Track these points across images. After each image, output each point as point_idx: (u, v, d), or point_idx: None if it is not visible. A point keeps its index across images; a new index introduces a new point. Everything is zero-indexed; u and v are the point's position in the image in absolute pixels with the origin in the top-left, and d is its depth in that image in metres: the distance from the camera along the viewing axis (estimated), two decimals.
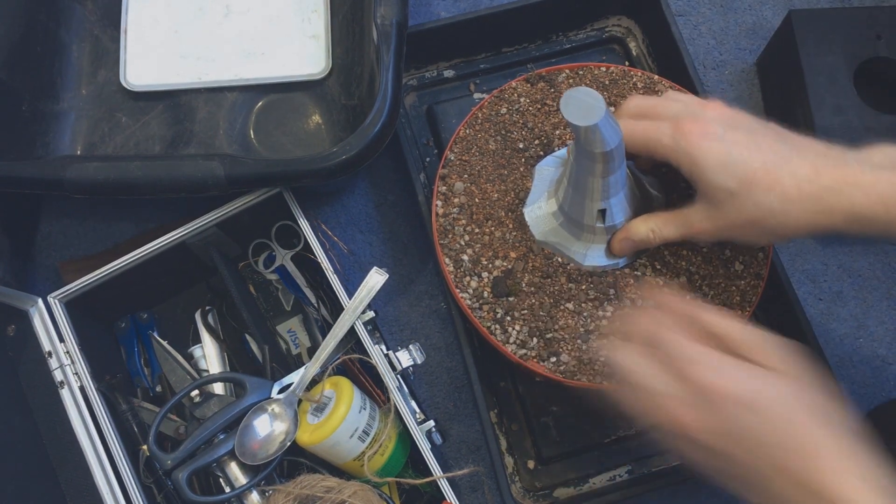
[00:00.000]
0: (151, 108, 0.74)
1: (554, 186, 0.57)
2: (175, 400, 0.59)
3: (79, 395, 0.59)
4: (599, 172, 0.50)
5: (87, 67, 0.76)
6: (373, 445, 0.57)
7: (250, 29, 0.76)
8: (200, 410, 0.60)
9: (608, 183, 0.50)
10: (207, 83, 0.74)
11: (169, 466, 0.56)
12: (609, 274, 0.57)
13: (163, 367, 0.66)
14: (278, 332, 0.68)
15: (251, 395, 0.58)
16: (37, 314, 0.61)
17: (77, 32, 0.76)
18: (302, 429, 0.57)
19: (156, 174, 0.59)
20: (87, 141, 0.73)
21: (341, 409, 0.56)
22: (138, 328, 0.68)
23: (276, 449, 0.57)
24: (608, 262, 0.57)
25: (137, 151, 0.73)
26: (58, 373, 0.60)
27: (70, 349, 0.60)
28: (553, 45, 0.77)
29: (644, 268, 0.57)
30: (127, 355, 0.67)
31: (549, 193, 0.58)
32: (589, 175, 0.50)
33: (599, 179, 0.50)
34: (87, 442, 0.58)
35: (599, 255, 0.56)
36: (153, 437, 0.57)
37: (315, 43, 0.75)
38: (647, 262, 0.57)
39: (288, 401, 0.58)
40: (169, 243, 0.61)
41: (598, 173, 0.50)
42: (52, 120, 0.72)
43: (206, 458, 0.56)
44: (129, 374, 0.66)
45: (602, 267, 0.57)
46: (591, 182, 0.51)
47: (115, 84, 0.75)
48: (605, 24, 0.78)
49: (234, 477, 0.58)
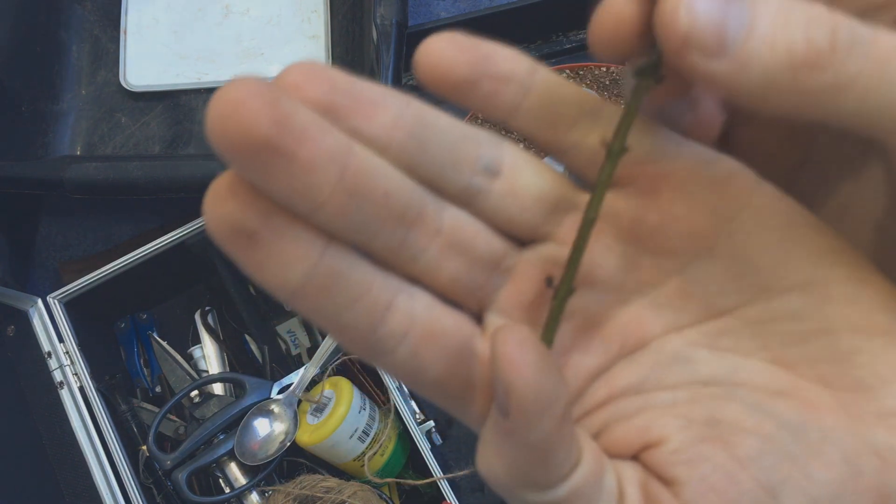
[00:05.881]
0: (151, 109, 0.74)
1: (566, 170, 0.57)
2: (175, 400, 0.59)
3: (78, 396, 0.59)
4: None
5: (87, 68, 0.76)
6: (373, 446, 0.57)
7: (250, 29, 0.76)
8: (200, 411, 0.59)
9: None
10: (207, 83, 0.74)
11: (168, 467, 0.56)
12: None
13: (162, 368, 0.66)
14: (278, 333, 0.68)
15: (251, 395, 0.58)
16: (36, 314, 0.61)
17: (77, 33, 0.76)
18: (302, 429, 0.57)
19: (155, 174, 0.59)
20: (87, 141, 0.73)
21: (341, 409, 0.56)
22: (138, 328, 0.68)
23: (275, 449, 0.57)
24: None
25: (137, 151, 0.73)
26: (57, 373, 0.60)
27: (70, 349, 0.60)
28: (553, 45, 0.77)
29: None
30: (126, 356, 0.67)
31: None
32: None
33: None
34: (86, 442, 0.58)
35: None
36: (153, 437, 0.57)
37: (315, 43, 0.75)
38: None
39: (288, 401, 0.58)
40: (169, 243, 0.61)
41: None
42: (52, 120, 0.72)
43: (205, 458, 0.56)
44: (128, 374, 0.66)
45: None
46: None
47: (115, 84, 0.74)
48: None
49: (234, 477, 0.58)
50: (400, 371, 0.18)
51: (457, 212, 0.19)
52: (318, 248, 0.17)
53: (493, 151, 0.19)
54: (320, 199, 0.16)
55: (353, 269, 0.17)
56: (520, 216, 0.19)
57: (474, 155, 0.19)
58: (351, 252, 0.17)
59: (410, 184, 0.18)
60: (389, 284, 0.18)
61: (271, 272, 0.17)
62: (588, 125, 0.19)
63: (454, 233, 0.19)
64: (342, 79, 0.17)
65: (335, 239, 0.17)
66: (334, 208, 0.16)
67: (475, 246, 0.19)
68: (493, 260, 0.19)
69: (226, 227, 0.16)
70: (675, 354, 0.19)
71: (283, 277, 0.17)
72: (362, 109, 0.17)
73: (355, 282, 0.17)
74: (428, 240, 0.18)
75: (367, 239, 0.17)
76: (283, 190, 0.16)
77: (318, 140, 0.16)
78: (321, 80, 0.17)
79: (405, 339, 0.18)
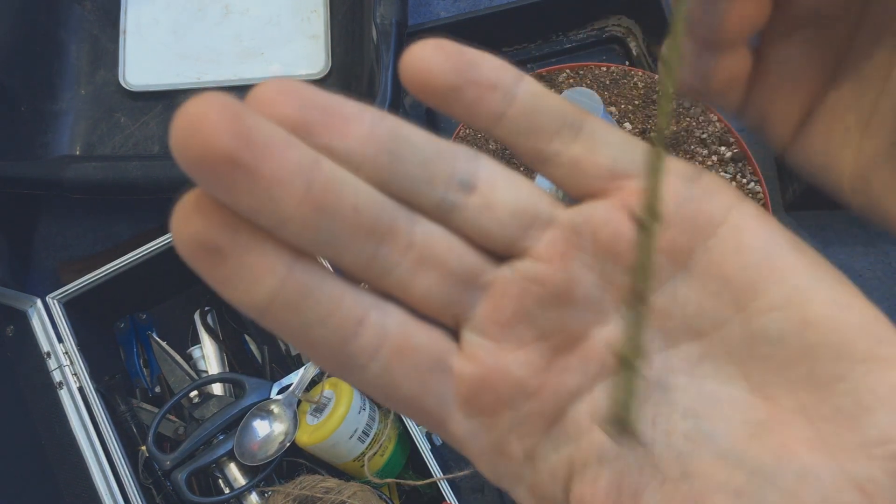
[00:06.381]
0: (150, 108, 0.74)
1: (555, 187, 0.57)
2: (174, 401, 0.59)
3: (77, 396, 0.59)
4: None
5: (86, 67, 0.76)
6: (372, 446, 0.57)
7: (250, 29, 0.76)
8: (199, 411, 0.59)
9: None
10: (207, 83, 0.74)
11: (168, 467, 0.56)
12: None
13: (162, 368, 0.66)
14: None
15: (250, 395, 0.58)
16: (35, 315, 0.61)
17: (76, 32, 0.76)
18: (301, 429, 0.57)
19: (155, 174, 0.59)
20: (86, 141, 0.73)
21: (341, 409, 0.56)
22: (137, 329, 0.68)
23: (275, 450, 0.56)
24: None
25: (136, 151, 0.72)
26: (56, 373, 0.60)
27: (69, 350, 0.60)
28: (553, 45, 0.77)
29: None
30: (126, 356, 0.67)
31: (550, 193, 0.57)
32: None
33: None
34: (85, 443, 0.58)
35: None
36: (152, 437, 0.57)
37: (314, 43, 0.75)
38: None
39: (287, 401, 0.58)
40: (168, 243, 0.61)
41: None
42: (51, 120, 0.72)
43: (205, 458, 0.56)
44: (128, 374, 0.66)
45: None
46: None
47: (114, 84, 0.74)
48: (605, 23, 0.78)
49: (234, 478, 0.58)
50: (372, 388, 0.18)
51: (430, 226, 0.18)
52: (286, 264, 0.17)
53: (469, 166, 0.19)
54: (286, 214, 0.16)
55: (323, 285, 0.17)
56: (496, 231, 0.19)
57: (449, 170, 0.18)
58: (321, 267, 0.17)
59: (381, 197, 0.18)
60: (361, 300, 0.18)
61: (238, 288, 0.16)
62: (570, 136, 0.19)
63: (427, 247, 0.18)
64: (315, 95, 0.17)
65: (304, 254, 0.17)
66: (301, 223, 0.16)
67: (449, 260, 0.18)
68: (469, 275, 0.19)
69: (192, 243, 0.16)
70: (654, 382, 0.19)
71: (250, 294, 0.16)
72: (335, 125, 0.17)
73: (325, 297, 0.17)
74: (400, 254, 0.18)
75: (337, 253, 0.17)
76: (248, 205, 0.16)
77: (281, 154, 0.16)
78: (293, 96, 0.17)
79: (377, 354, 0.18)
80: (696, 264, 0.18)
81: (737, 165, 0.63)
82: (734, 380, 0.18)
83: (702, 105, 0.65)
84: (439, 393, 0.18)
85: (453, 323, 0.19)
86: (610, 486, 0.18)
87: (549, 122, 0.19)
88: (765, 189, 0.62)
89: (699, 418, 0.18)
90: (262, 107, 0.17)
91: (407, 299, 0.18)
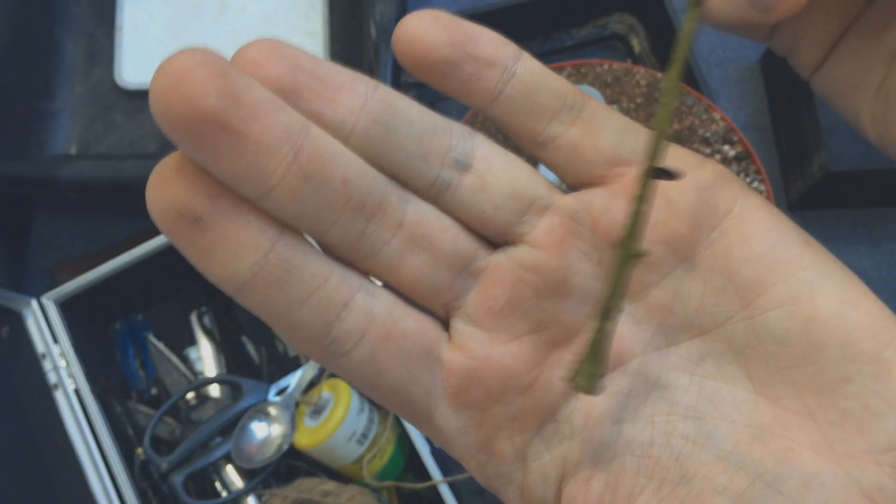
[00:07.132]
0: (147, 107, 0.73)
1: (556, 185, 0.57)
2: (171, 402, 0.58)
3: (73, 398, 0.58)
4: None
5: (82, 65, 0.75)
6: (371, 448, 0.57)
7: (247, 26, 0.75)
8: (196, 413, 0.59)
9: None
10: None
11: (165, 470, 0.55)
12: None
13: (158, 370, 0.65)
14: (275, 334, 0.67)
15: (248, 397, 0.58)
16: (31, 315, 0.61)
17: (71, 30, 0.75)
18: (299, 432, 0.56)
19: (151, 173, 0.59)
20: (82, 140, 0.72)
21: (339, 411, 0.55)
22: (133, 330, 0.67)
23: (273, 452, 0.56)
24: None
25: (132, 150, 0.72)
26: (52, 375, 0.59)
27: (64, 351, 0.59)
28: (555, 42, 0.77)
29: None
30: (122, 357, 0.66)
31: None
32: None
33: None
34: (81, 445, 0.57)
35: None
36: (148, 439, 0.56)
37: (312, 40, 0.74)
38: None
39: (285, 403, 0.57)
40: (165, 244, 0.61)
41: None
42: (46, 118, 0.72)
43: (202, 461, 0.56)
44: (124, 376, 0.66)
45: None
46: None
47: (110, 82, 0.74)
48: (607, 21, 0.77)
49: (231, 481, 0.57)
50: (356, 375, 0.17)
51: (422, 205, 0.17)
52: (269, 237, 0.15)
53: (465, 144, 0.18)
54: (271, 182, 0.15)
55: (308, 261, 0.16)
56: (491, 214, 0.18)
57: (444, 147, 0.17)
58: (306, 243, 0.16)
59: (372, 171, 0.16)
60: (348, 280, 0.16)
61: (218, 262, 0.15)
62: (569, 118, 0.18)
63: (418, 227, 0.17)
64: (306, 58, 0.16)
65: (289, 228, 0.16)
66: (286, 193, 0.15)
67: (441, 242, 0.17)
68: (461, 260, 0.18)
69: (169, 211, 0.15)
70: (654, 380, 0.18)
71: (230, 268, 0.15)
72: (326, 92, 0.16)
73: (310, 275, 0.16)
74: (389, 233, 0.17)
75: (323, 229, 0.16)
76: (232, 171, 0.15)
77: (270, 118, 0.15)
78: (283, 58, 0.16)
79: (362, 340, 0.17)
80: (699, 257, 0.18)
81: (740, 164, 0.63)
82: (737, 379, 0.17)
83: (704, 104, 0.64)
84: (427, 384, 0.17)
85: (443, 312, 0.18)
86: (604, 488, 0.17)
87: (548, 103, 0.18)
88: (769, 188, 0.61)
89: (700, 419, 0.17)
90: (250, 67, 0.15)
91: (395, 282, 0.17)
